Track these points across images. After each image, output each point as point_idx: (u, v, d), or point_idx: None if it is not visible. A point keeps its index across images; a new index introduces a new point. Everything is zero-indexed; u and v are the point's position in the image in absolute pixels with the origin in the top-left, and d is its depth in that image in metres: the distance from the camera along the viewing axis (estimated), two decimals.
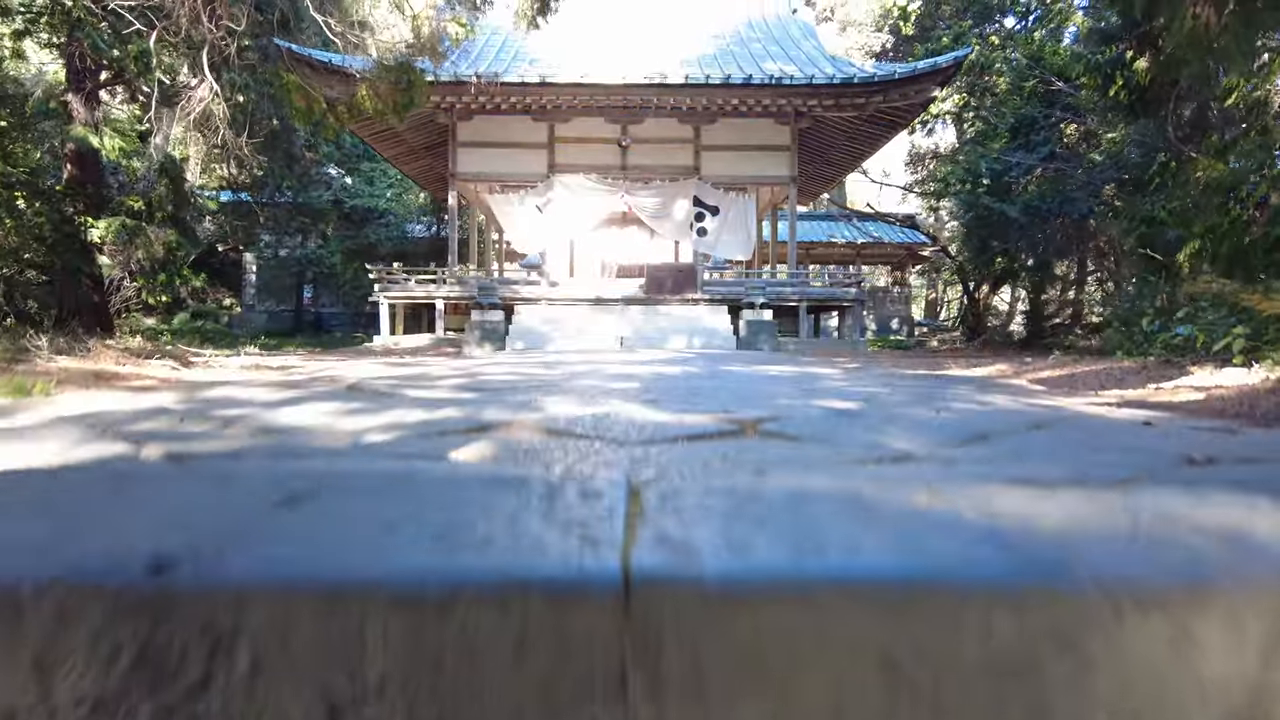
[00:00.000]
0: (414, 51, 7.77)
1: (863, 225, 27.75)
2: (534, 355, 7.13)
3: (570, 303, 13.76)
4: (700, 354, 8.54)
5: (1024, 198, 11.54)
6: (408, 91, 7.90)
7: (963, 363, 7.56)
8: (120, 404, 2.21)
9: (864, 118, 14.28)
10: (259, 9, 8.85)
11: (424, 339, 13.95)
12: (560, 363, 5.39)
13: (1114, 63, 6.24)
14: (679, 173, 15.00)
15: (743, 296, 13.16)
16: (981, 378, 4.28)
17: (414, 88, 7.90)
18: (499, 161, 14.94)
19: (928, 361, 8.95)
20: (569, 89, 13.15)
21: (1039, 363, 4.67)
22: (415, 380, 3.53)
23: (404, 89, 7.82)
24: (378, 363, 5.95)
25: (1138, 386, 3.13)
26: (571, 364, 5.43)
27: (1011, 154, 12.21)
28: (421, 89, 7.90)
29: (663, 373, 4.23)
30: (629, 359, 6.24)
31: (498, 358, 6.16)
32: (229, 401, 2.33)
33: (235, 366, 5.04)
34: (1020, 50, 13.49)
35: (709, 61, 14.72)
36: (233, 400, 2.37)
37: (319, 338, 22.83)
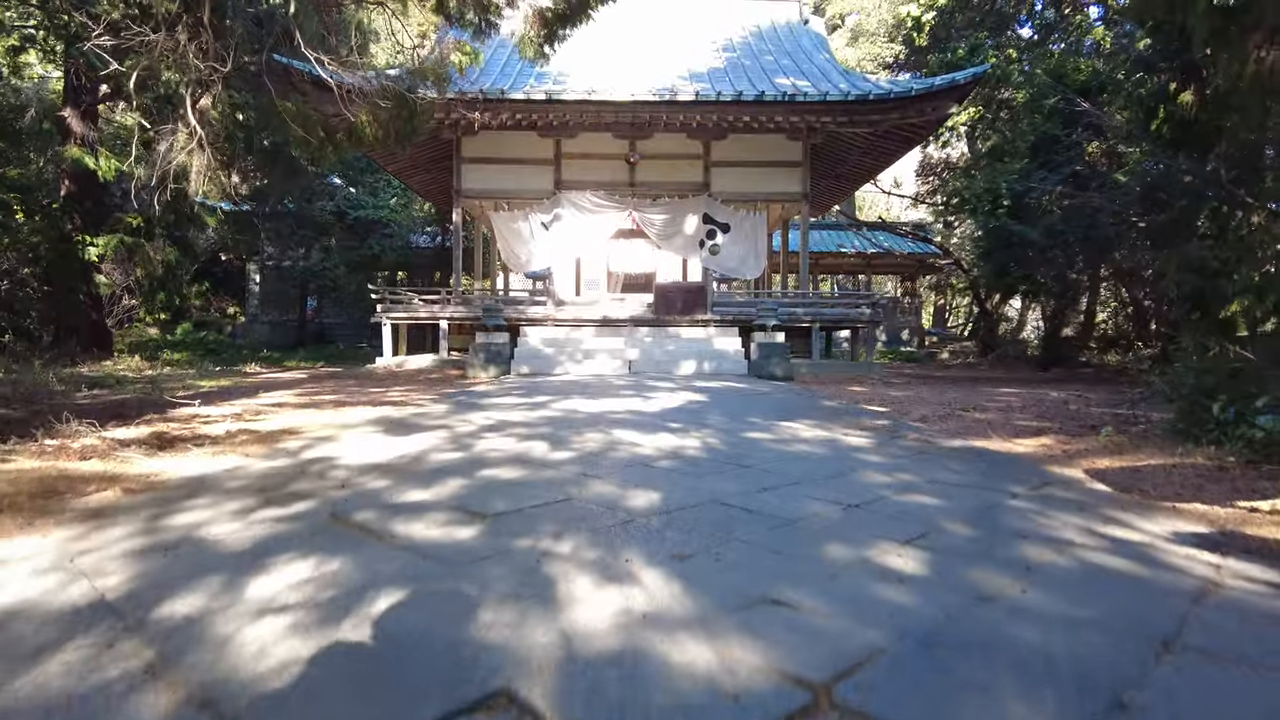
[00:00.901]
0: (416, 78, 7.44)
1: (872, 235, 27.37)
2: (540, 401, 6.79)
3: (577, 324, 13.42)
4: (712, 389, 8.18)
5: (1046, 221, 11.15)
6: (410, 120, 7.57)
7: (990, 408, 7.19)
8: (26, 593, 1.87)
9: (878, 134, 13.91)
10: (258, 23, 8.55)
11: (428, 360, 13.63)
12: (568, 421, 5.04)
13: (1156, 95, 5.87)
14: (688, 189, 14.65)
15: (754, 318, 12.81)
16: (1030, 459, 3.91)
17: (416, 116, 7.57)
18: (504, 178, 14.61)
19: (952, 395, 8.57)
20: (576, 106, 12.81)
21: (1084, 439, 4.30)
22: (409, 476, 3.19)
23: (405, 118, 7.49)
24: (374, 416, 5.61)
25: (1225, 501, 2.76)
26: (578, 420, 5.09)
27: (1032, 174, 11.82)
28: (424, 117, 7.57)
29: (679, 450, 3.88)
30: (641, 410, 5.89)
31: (498, 414, 5.85)
32: (174, 579, 2.00)
33: (224, 429, 4.70)
34: (1040, 66, 13.09)
35: (719, 75, 14.37)
36: (180, 566, 2.04)
37: (322, 351, 22.56)
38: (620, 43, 16.06)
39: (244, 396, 7.51)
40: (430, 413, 5.71)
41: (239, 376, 12.08)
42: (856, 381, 11.63)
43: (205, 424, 5.04)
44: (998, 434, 4.77)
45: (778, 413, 5.94)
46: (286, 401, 7.02)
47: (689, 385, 9.04)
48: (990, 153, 15.46)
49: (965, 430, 5.13)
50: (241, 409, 6.10)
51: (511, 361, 12.14)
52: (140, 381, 9.75)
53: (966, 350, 25.38)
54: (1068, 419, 5.96)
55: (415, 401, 6.87)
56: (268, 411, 6.01)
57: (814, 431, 4.79)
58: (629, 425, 4.88)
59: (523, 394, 7.42)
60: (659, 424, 5.01)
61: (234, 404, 6.57)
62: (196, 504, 2.66)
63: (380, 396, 7.59)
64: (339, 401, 6.96)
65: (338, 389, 8.79)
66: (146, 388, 8.26)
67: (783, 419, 5.53)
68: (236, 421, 5.23)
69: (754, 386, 8.95)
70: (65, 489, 2.70)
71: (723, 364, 12.24)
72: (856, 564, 2.04)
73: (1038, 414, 6.39)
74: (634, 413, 5.74)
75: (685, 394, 7.54)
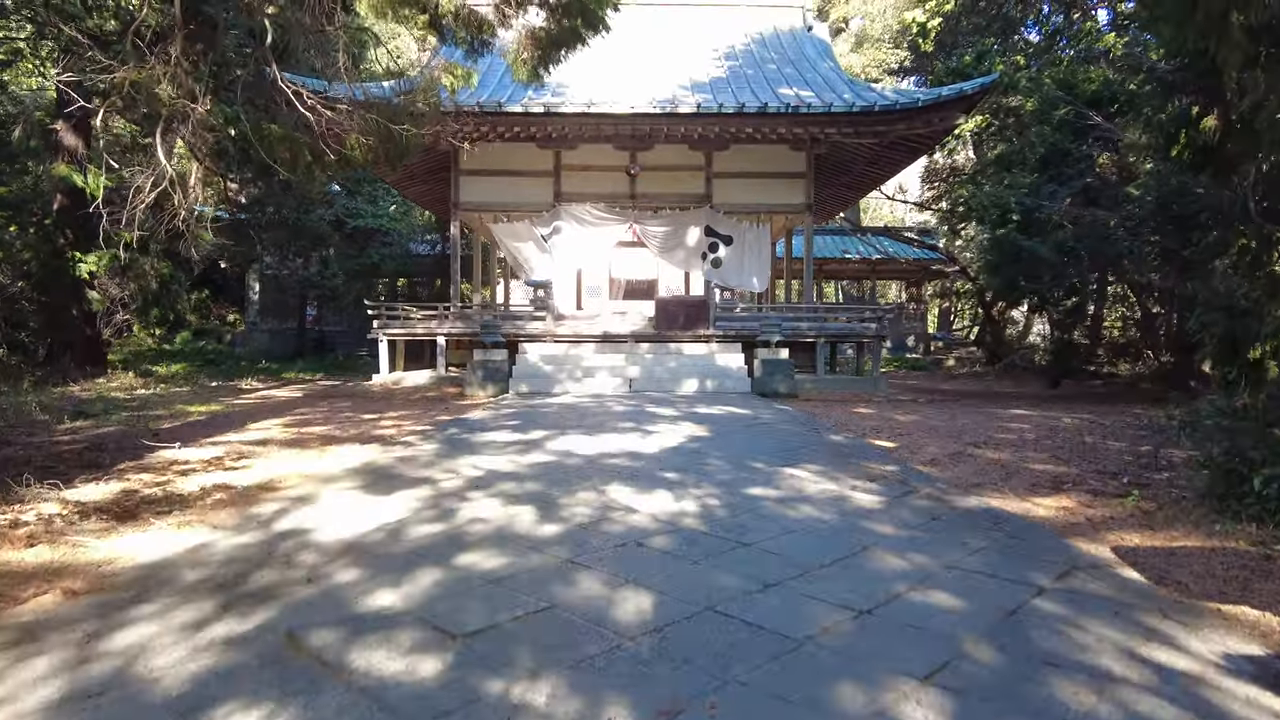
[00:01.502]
0: (408, 101, 7.19)
1: (877, 241, 27.07)
2: (534, 439, 6.56)
3: (576, 340, 13.17)
4: (714, 417, 7.93)
5: (1057, 236, 10.85)
6: (401, 144, 7.33)
7: (1002, 442, 6.92)
8: None
9: (884, 144, 13.64)
10: (253, 34, 8.33)
11: (425, 376, 13.40)
12: (560, 472, 4.80)
13: (1177, 120, 5.61)
14: (690, 201, 14.39)
15: (757, 333, 12.56)
16: (1052, 527, 3.66)
17: (408, 140, 7.33)
18: (503, 190, 14.37)
19: (961, 423, 8.30)
20: (575, 119, 12.56)
21: (1108, 501, 4.04)
22: (382, 563, 2.95)
23: (395, 142, 7.26)
24: (359, 462, 5.38)
25: (1278, 605, 2.50)
26: (571, 469, 4.85)
27: (1042, 187, 11.53)
28: (415, 141, 7.33)
29: (677, 519, 3.64)
30: (639, 451, 5.64)
31: (487, 460, 5.64)
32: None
33: (199, 484, 4.47)
34: (1048, 75, 12.80)
35: (721, 85, 14.10)
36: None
37: (321, 361, 22.35)
38: (620, 52, 15.78)
39: (230, 429, 7.28)
40: (418, 457, 5.47)
41: (233, 395, 11.86)
42: (862, 401, 11.37)
43: (181, 474, 4.80)
44: (1013, 487, 4.51)
45: (781, 454, 5.68)
46: (273, 437, 6.78)
47: (690, 410, 8.78)
48: (998, 161, 15.17)
49: (979, 478, 4.87)
50: (224, 450, 5.86)
51: (510, 380, 11.91)
52: (129, 406, 9.55)
53: (973, 357, 25.07)
54: (1085, 460, 5.69)
55: (405, 437, 6.63)
56: (250, 453, 5.77)
57: (819, 484, 4.54)
58: (625, 477, 4.63)
59: (517, 426, 7.17)
60: (656, 475, 4.76)
61: (217, 441, 6.34)
62: (143, 613, 2.42)
63: (371, 429, 7.35)
64: (326, 437, 6.72)
65: (329, 416, 8.55)
66: (131, 418, 8.03)
67: (786, 463, 5.27)
68: (214, 470, 5.00)
69: (756, 413, 8.69)
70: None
71: (725, 382, 11.98)
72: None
73: (1053, 452, 6.12)
74: (631, 456, 5.49)
75: (686, 426, 7.28)
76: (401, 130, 6.48)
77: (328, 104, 7.60)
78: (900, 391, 13.26)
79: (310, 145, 7.51)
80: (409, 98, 6.97)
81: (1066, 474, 5.09)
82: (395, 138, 6.28)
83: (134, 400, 10.51)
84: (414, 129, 7.28)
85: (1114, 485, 4.62)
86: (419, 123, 6.92)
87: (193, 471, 4.92)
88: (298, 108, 9.24)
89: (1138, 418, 9.30)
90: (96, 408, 9.02)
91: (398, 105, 7.23)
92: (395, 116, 7.24)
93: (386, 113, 7.19)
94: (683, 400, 10.24)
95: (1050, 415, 9.54)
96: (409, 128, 7.29)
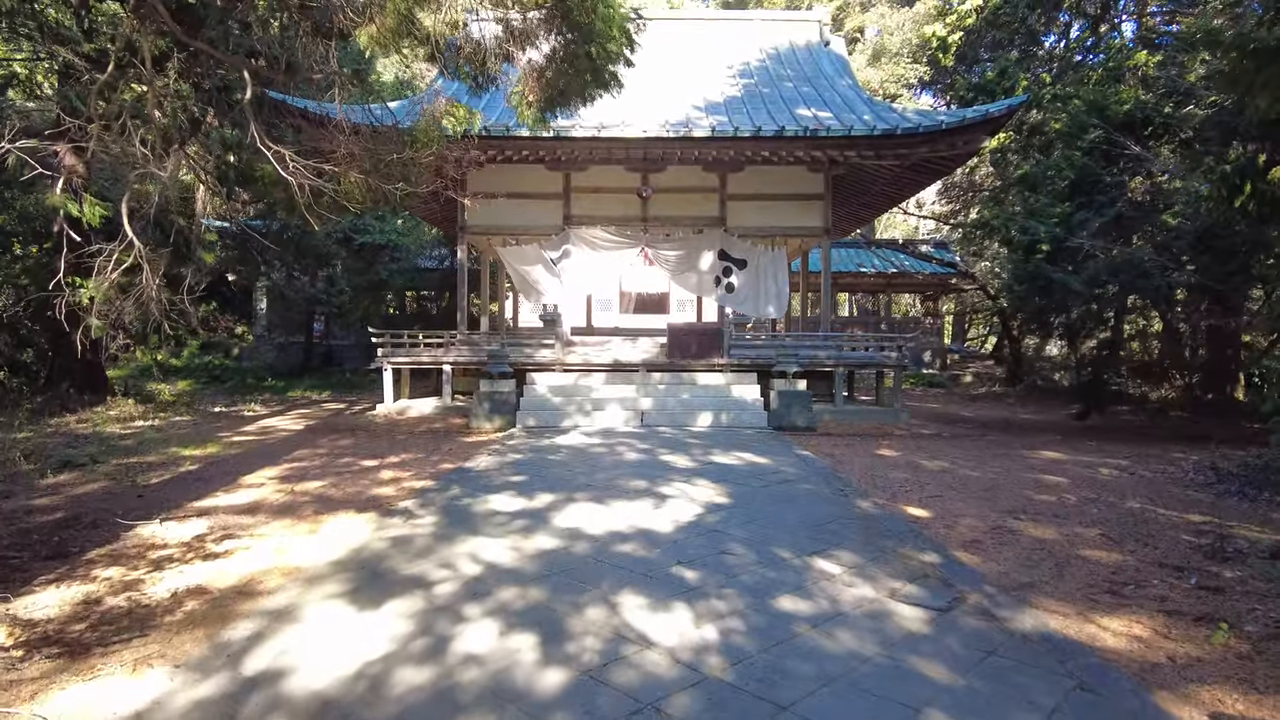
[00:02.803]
0: (407, 141, 6.80)
1: (893, 256, 26.55)
2: (538, 510, 6.16)
3: (586, 370, 12.76)
4: (732, 470, 7.48)
5: (1089, 269, 10.35)
6: (401, 188, 6.94)
7: (1043, 513, 6.46)
8: None
9: (905, 166, 13.16)
10: (252, 55, 7.98)
11: (431, 405, 13.02)
12: (565, 574, 4.38)
13: (1243, 170, 5.14)
14: (703, 223, 13.97)
15: (773, 362, 12.11)
16: (1129, 670, 3.20)
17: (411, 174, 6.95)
18: (511, 213, 13.98)
19: (992, 473, 7.82)
20: (585, 143, 12.15)
21: (1190, 630, 3.58)
22: None
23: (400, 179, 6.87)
24: (348, 550, 4.98)
25: None
26: (576, 565, 4.42)
27: (1073, 216, 11.03)
28: (417, 177, 6.94)
29: (698, 668, 3.21)
30: (654, 530, 5.21)
31: (487, 547, 5.26)
32: None
33: (169, 589, 4.07)
34: (1078, 96, 12.29)
35: (736, 105, 13.67)
36: None
37: (328, 378, 22.07)
38: (632, 71, 15.36)
39: (221, 485, 6.90)
40: (414, 538, 5.05)
41: (233, 426, 11.51)
42: (885, 436, 10.89)
43: (155, 566, 4.41)
44: (1069, 591, 4.06)
45: (809, 533, 5.23)
46: (265, 499, 6.39)
47: (706, 458, 8.35)
48: (1022, 180, 14.63)
49: (1028, 573, 4.42)
50: (209, 525, 5.47)
51: (517, 413, 11.51)
52: (122, 448, 9.19)
53: (990, 373, 24.48)
54: (1140, 540, 5.21)
55: (403, 501, 6.21)
56: (237, 528, 5.37)
57: (855, 588, 4.09)
58: (638, 579, 4.21)
59: (522, 486, 6.75)
60: (673, 574, 4.34)
61: (204, 509, 5.95)
62: None
63: (369, 484, 6.95)
64: (321, 500, 6.32)
65: (327, 464, 8.15)
66: (120, 471, 7.66)
67: (816, 547, 4.83)
68: (193, 559, 4.60)
69: (776, 463, 8.23)
70: None
71: (741, 414, 11.53)
72: None
73: (1101, 526, 5.65)
74: (644, 538, 5.06)
75: (703, 486, 6.85)
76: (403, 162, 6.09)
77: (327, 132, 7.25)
78: (922, 421, 12.76)
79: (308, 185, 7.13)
80: (409, 136, 6.58)
81: (1124, 566, 4.62)
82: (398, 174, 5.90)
83: (129, 438, 10.17)
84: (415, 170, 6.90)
85: (1184, 592, 4.15)
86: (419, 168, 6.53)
87: (169, 562, 4.52)
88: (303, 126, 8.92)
89: (1178, 464, 8.79)
90: (87, 452, 8.66)
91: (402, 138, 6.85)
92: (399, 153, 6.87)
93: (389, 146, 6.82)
94: (697, 440, 9.80)
95: (1084, 460, 9.05)
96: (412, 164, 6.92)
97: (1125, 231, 11.22)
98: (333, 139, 6.94)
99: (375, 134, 6.76)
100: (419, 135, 6.56)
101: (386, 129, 6.85)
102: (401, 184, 6.09)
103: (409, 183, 6.54)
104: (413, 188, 6.44)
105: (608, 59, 4.89)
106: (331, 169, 6.63)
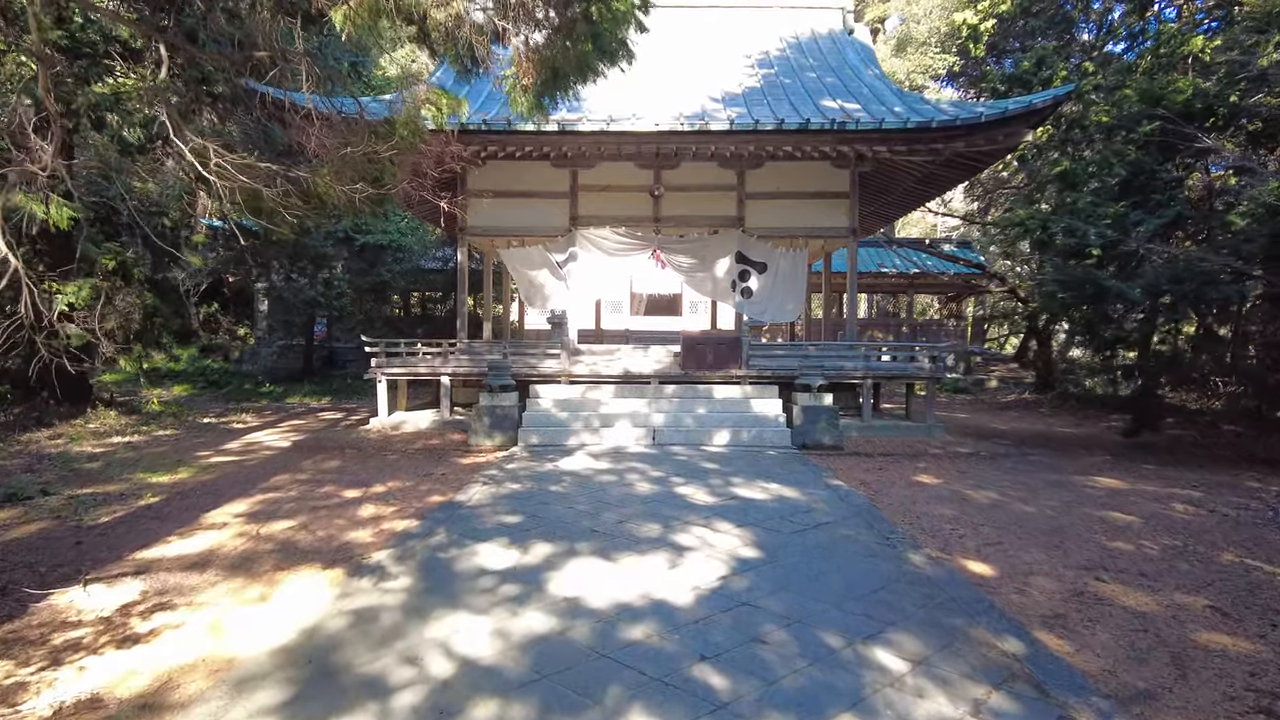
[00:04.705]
0: (386, 132, 5.93)
1: (914, 255, 25.50)
2: (534, 568, 5.28)
3: (594, 382, 11.88)
4: (759, 505, 6.58)
5: (1147, 275, 9.36)
6: (378, 182, 6.09)
7: (1125, 565, 5.52)
8: None
9: (938, 162, 12.20)
10: (238, 45, 7.15)
11: (428, 419, 12.19)
12: (557, 669, 3.51)
13: None
14: (720, 224, 13.05)
15: (796, 374, 11.18)
16: None
17: (385, 176, 6.09)
18: (515, 213, 13.12)
19: (1048, 505, 6.89)
20: (593, 137, 11.25)
21: None
22: None
23: (374, 184, 6.01)
24: (298, 632, 4.13)
25: None
26: (575, 654, 3.55)
27: (1127, 216, 10.04)
28: (396, 175, 6.08)
29: None
30: (669, 602, 4.33)
31: (474, 621, 4.39)
32: None
33: (62, 687, 3.24)
34: (1130, 86, 11.27)
35: (755, 97, 12.73)
36: None
37: (329, 383, 21.35)
38: (643, 58, 14.45)
39: (179, 526, 6.07)
40: (380, 612, 4.18)
41: (217, 442, 10.71)
42: (920, 457, 9.95)
43: (52, 661, 3.56)
44: (1208, 708, 3.14)
45: (858, 606, 4.33)
46: (221, 547, 5.55)
47: (728, 490, 7.45)
48: (1060, 178, 13.62)
49: (1139, 674, 3.51)
50: (142, 589, 4.62)
51: (519, 429, 10.65)
52: (86, 473, 8.40)
53: (1017, 377, 23.40)
54: (1258, 612, 4.28)
55: (376, 554, 5.35)
56: (175, 593, 4.53)
57: (929, 702, 3.19)
58: (650, 686, 3.33)
59: (516, 533, 5.88)
60: (694, 678, 3.46)
61: (146, 562, 5.11)
62: None
63: (345, 525, 6.10)
64: (286, 548, 5.47)
65: (305, 495, 7.31)
66: (70, 505, 6.85)
67: (869, 629, 3.94)
68: (104, 644, 3.75)
69: (808, 496, 7.32)
70: None
71: (763, 432, 10.62)
72: None
73: (1205, 591, 4.71)
74: (657, 615, 4.18)
75: (725, 532, 5.95)
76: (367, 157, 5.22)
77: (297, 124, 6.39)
78: (956, 436, 11.77)
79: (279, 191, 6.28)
80: (388, 126, 5.72)
81: (1261, 661, 3.69)
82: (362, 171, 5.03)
83: (99, 459, 9.39)
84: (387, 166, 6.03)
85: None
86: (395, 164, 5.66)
87: (72, 652, 3.67)
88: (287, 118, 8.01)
89: (1259, 497, 7.82)
90: (41, 480, 7.87)
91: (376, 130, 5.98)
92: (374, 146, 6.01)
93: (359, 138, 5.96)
94: (715, 464, 8.89)
95: (1148, 490, 8.08)
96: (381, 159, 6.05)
97: (1178, 233, 10.22)
98: (303, 132, 6.09)
99: (347, 125, 5.92)
100: (398, 127, 5.69)
101: (356, 120, 5.99)
102: (362, 184, 5.21)
103: (379, 183, 5.69)
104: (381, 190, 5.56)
105: (614, 22, 3.98)
106: (298, 173, 5.78)
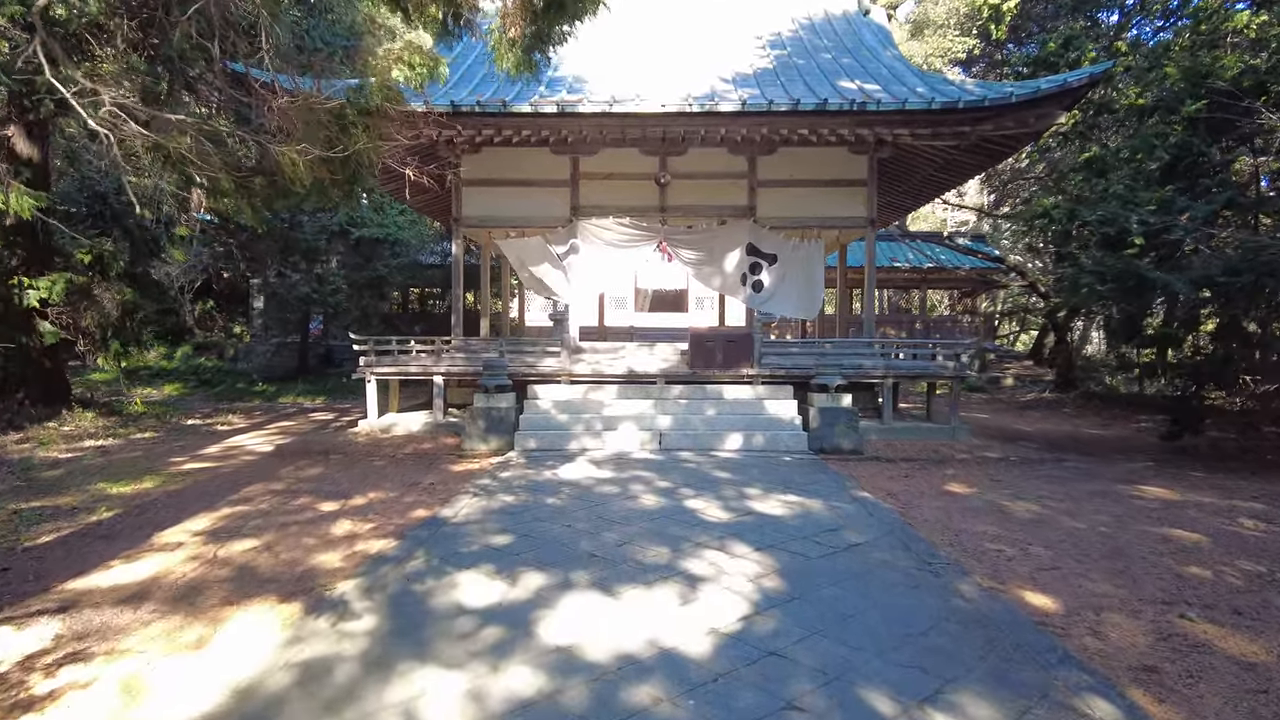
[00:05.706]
0: (355, 98, 5.20)
1: (928, 249, 24.71)
2: (524, 603, 4.56)
3: (596, 382, 11.16)
4: (779, 524, 5.87)
5: (1196, 266, 8.61)
6: (351, 167, 5.36)
7: (1214, 602, 4.80)
8: None
9: (962, 147, 11.43)
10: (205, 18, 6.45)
11: (420, 421, 11.49)
12: None
13: None
14: (729, 213, 12.31)
15: (812, 373, 10.45)
16: None
17: (360, 160, 5.36)
18: (512, 203, 12.39)
19: (1102, 523, 6.16)
20: (595, 119, 10.52)
21: None
22: None
23: (345, 162, 5.28)
24: (230, 693, 3.44)
25: None
26: (580, 700, 2.84)
27: (1174, 201, 9.27)
28: (368, 161, 5.35)
29: None
30: (681, 653, 3.62)
31: (444, 677, 3.66)
32: None
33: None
34: (1173, 63, 10.49)
35: (768, 78, 11.97)
36: None
37: (324, 382, 20.66)
38: (648, 41, 13.72)
39: (129, 546, 5.37)
40: (339, 659, 3.48)
41: (194, 447, 10.02)
42: (947, 463, 9.21)
43: None
44: None
45: (907, 654, 3.61)
46: (168, 574, 4.85)
47: (743, 504, 6.72)
48: (1088, 165, 12.85)
49: None
50: (55, 635, 3.91)
51: (516, 432, 9.95)
52: (43, 482, 7.71)
53: (1034, 375, 22.58)
54: None
55: (347, 572, 4.65)
56: (96, 639, 3.83)
57: None
58: None
59: (505, 556, 5.17)
60: None
61: (78, 592, 4.41)
62: None
63: (317, 543, 5.39)
64: (242, 574, 4.76)
65: (276, 508, 6.61)
66: (11, 523, 6.15)
67: (927, 695, 3.21)
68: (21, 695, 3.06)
69: (833, 509, 6.59)
70: None
71: (777, 436, 9.89)
72: None
73: None
74: (669, 673, 3.46)
75: (743, 555, 5.23)
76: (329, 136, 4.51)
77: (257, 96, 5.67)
78: (981, 440, 11.01)
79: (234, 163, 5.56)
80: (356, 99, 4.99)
81: None
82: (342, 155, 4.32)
83: (63, 465, 8.72)
84: (367, 138, 5.31)
85: None
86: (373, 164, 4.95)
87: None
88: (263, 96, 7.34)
89: None
90: None
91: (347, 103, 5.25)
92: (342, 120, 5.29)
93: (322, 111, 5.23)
94: (727, 472, 8.17)
95: (1204, 501, 7.33)
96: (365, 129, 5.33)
97: (1239, 220, 9.45)
98: (264, 102, 5.37)
99: (312, 98, 5.21)
100: (370, 92, 4.97)
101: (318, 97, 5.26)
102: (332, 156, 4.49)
103: (351, 161, 4.97)
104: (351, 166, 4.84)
105: None
106: (252, 137, 5.07)
